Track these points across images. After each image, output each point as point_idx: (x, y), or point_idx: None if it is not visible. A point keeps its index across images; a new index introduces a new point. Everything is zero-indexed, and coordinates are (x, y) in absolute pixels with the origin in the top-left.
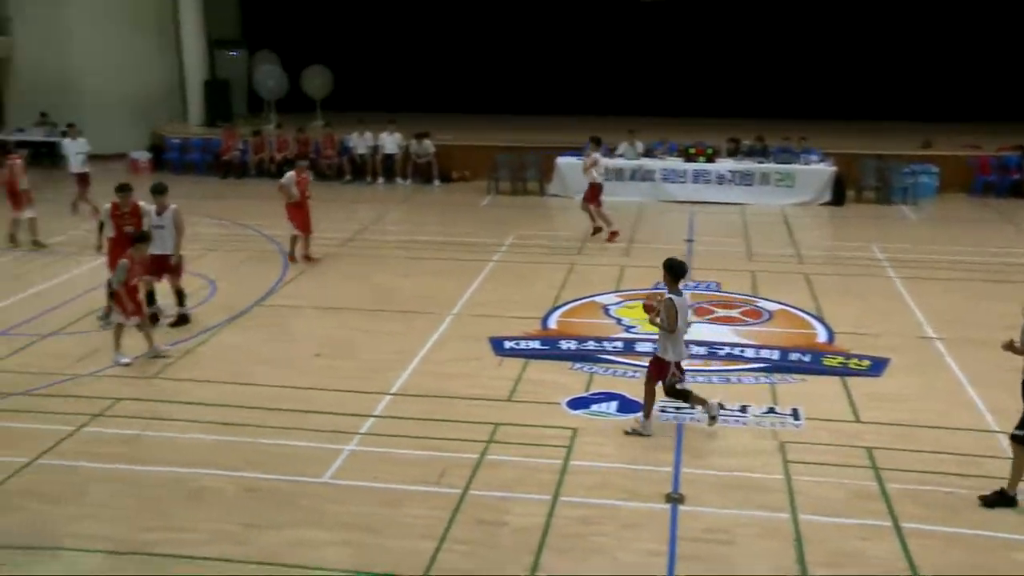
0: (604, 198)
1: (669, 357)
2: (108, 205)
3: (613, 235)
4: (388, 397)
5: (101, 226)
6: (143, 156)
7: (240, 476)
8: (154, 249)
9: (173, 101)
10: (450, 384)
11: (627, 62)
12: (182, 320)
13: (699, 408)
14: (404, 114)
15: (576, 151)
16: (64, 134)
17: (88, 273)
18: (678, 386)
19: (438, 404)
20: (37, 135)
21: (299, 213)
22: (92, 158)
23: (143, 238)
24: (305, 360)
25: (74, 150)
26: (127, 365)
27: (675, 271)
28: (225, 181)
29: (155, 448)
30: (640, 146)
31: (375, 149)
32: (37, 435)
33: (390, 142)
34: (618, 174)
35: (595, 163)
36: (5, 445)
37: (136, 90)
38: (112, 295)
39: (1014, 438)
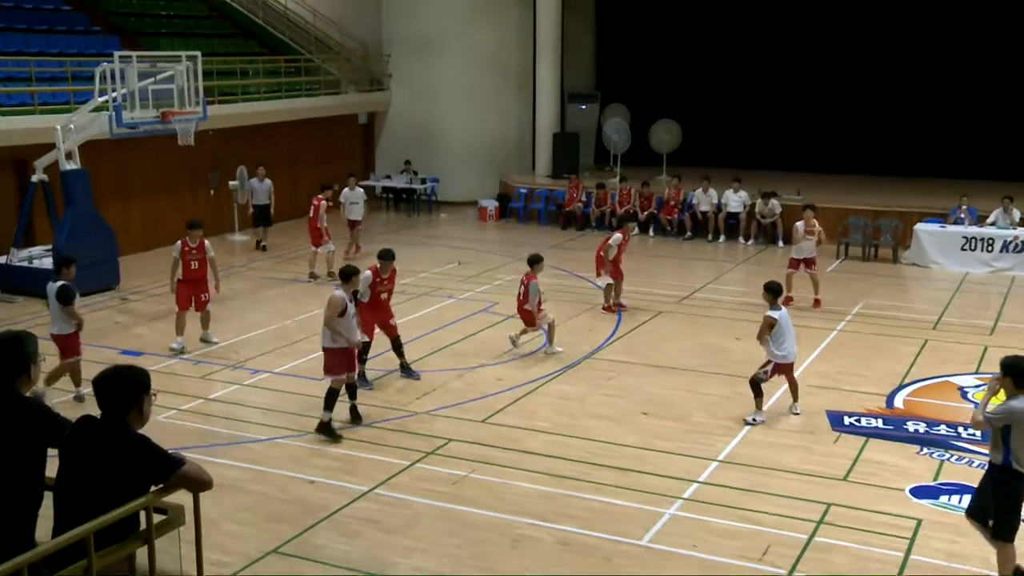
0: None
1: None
2: (178, 243)
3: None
4: (715, 463)
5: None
6: (490, 204)
7: (559, 529)
8: (333, 343)
9: (523, 152)
10: (781, 456)
11: (1006, 119)
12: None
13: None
14: (750, 171)
15: (939, 217)
16: (397, 177)
17: (435, 313)
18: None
19: (767, 476)
20: (400, 182)
21: (613, 263)
22: (445, 204)
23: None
24: (633, 417)
25: (350, 199)
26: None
27: (773, 291)
28: (565, 231)
29: (481, 491)
30: (1017, 214)
31: (719, 207)
32: (377, 466)
33: (735, 200)
34: (987, 244)
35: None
36: (350, 472)
37: (490, 141)
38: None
39: None
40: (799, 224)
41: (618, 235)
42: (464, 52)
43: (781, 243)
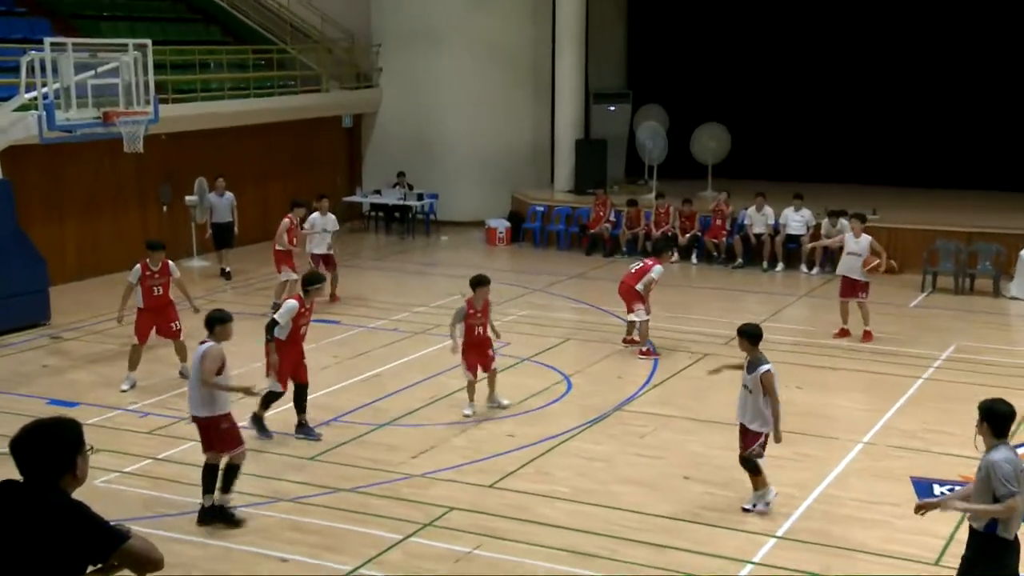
0: None
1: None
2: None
3: (844, 332)
4: (772, 540)
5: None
6: (500, 225)
7: None
8: (223, 408)
9: (539, 162)
10: (856, 533)
11: None
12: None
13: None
14: (814, 186)
15: None
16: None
17: (434, 355)
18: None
19: (839, 557)
20: (392, 197)
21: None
22: (446, 224)
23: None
24: (672, 482)
25: (318, 226)
26: (467, 416)
27: (753, 336)
28: (590, 258)
29: (487, 570)
30: None
31: (776, 228)
32: (362, 540)
33: (795, 220)
34: None
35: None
36: (328, 548)
37: (499, 149)
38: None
39: None
40: (848, 236)
41: (660, 267)
42: (469, 43)
43: None
